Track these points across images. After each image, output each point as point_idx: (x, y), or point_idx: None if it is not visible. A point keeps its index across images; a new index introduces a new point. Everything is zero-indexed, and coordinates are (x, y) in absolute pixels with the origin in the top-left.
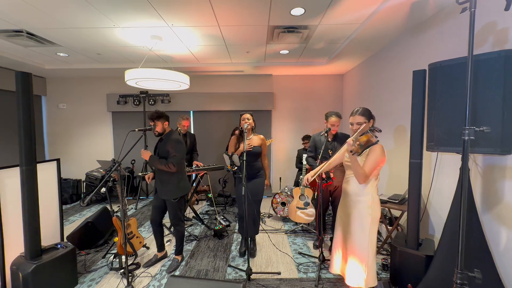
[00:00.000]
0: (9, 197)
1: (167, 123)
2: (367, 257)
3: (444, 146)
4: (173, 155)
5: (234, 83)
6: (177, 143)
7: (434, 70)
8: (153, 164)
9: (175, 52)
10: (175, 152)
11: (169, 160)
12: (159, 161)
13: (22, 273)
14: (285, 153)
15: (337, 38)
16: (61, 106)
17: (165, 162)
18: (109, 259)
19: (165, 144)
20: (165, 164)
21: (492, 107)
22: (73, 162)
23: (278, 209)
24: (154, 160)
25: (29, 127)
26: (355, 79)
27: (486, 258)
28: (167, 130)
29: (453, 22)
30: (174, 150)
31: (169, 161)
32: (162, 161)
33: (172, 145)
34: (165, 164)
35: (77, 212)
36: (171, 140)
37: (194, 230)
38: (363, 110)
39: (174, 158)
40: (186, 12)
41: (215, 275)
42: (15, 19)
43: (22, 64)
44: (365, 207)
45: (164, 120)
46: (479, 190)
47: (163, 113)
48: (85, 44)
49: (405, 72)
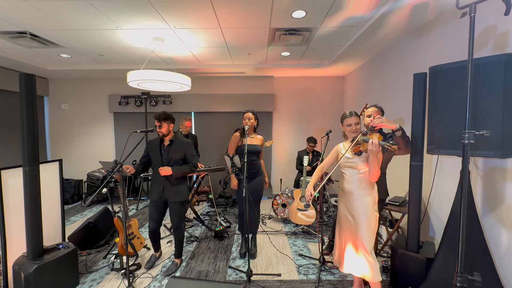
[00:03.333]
0: (12, 197)
1: (172, 125)
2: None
3: (444, 149)
4: (193, 157)
5: (235, 85)
6: (191, 145)
7: (434, 73)
8: (179, 174)
9: (177, 53)
10: (194, 153)
11: (192, 163)
12: (183, 169)
13: (24, 273)
14: (286, 155)
15: (338, 40)
16: (63, 107)
17: (190, 167)
18: (110, 259)
19: (178, 148)
20: (191, 169)
21: (492, 110)
22: (74, 163)
23: (279, 210)
24: (178, 170)
25: (32, 128)
26: (356, 81)
27: (486, 261)
28: (171, 133)
29: (454, 26)
30: (192, 152)
31: (192, 165)
32: (186, 167)
33: (188, 148)
34: (191, 169)
35: (78, 213)
36: (185, 143)
37: (194, 231)
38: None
39: (195, 159)
40: (188, 14)
41: (215, 276)
42: (19, 21)
43: (25, 65)
44: (371, 204)
45: (171, 122)
46: (480, 193)
47: (170, 115)
48: (88, 45)
49: (406, 75)
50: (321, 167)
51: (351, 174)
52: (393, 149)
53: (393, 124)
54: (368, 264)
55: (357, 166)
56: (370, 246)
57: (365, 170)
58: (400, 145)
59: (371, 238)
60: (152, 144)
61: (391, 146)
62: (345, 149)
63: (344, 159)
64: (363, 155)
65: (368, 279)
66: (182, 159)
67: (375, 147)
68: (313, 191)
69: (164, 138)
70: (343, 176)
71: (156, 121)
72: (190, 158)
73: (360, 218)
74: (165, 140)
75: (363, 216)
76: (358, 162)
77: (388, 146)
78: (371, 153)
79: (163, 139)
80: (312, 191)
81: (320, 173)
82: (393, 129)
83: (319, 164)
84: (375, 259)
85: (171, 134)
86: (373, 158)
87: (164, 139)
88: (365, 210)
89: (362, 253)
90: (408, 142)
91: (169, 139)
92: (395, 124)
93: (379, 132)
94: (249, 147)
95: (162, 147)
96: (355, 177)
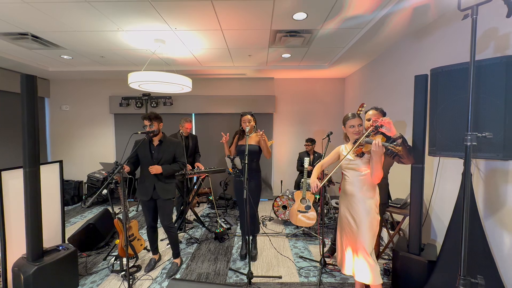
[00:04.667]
0: (12, 199)
1: (162, 124)
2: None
3: (446, 151)
4: (182, 156)
5: (236, 86)
6: (180, 144)
7: (436, 75)
8: (169, 172)
9: (178, 55)
10: (183, 153)
11: (181, 161)
12: (173, 167)
13: (24, 275)
14: (287, 156)
15: (339, 42)
16: (64, 108)
17: (179, 166)
18: (110, 261)
19: (168, 148)
20: (180, 167)
21: (494, 112)
22: (75, 164)
23: (279, 212)
24: (168, 169)
25: (33, 129)
26: (356, 83)
27: (489, 264)
28: (160, 133)
29: (455, 28)
30: (181, 152)
31: (182, 163)
32: (175, 165)
33: (178, 148)
34: (180, 167)
35: (78, 214)
36: (175, 142)
37: (195, 232)
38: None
39: (184, 158)
40: (189, 16)
41: (216, 279)
42: (20, 22)
43: (26, 66)
44: (373, 207)
45: (160, 121)
46: (482, 195)
47: (158, 115)
48: (89, 47)
49: (407, 77)
50: (320, 164)
51: (352, 176)
52: (397, 150)
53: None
54: (369, 267)
55: (359, 168)
56: (370, 248)
57: (367, 172)
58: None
59: (372, 240)
60: (140, 145)
61: (395, 147)
62: (347, 151)
63: (346, 161)
64: (365, 156)
65: (369, 282)
66: (171, 158)
67: (379, 148)
68: (319, 183)
69: (153, 138)
70: (345, 178)
71: (146, 120)
72: (179, 157)
73: (362, 221)
74: (154, 140)
75: (364, 218)
76: (360, 164)
77: (392, 147)
78: (374, 154)
79: (151, 139)
80: (317, 183)
81: (319, 169)
82: (393, 136)
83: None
84: (376, 262)
85: (160, 134)
86: (376, 159)
87: (153, 139)
88: (367, 213)
89: (363, 255)
90: (410, 150)
91: (158, 139)
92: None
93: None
94: (245, 147)
95: (151, 147)
96: (357, 179)
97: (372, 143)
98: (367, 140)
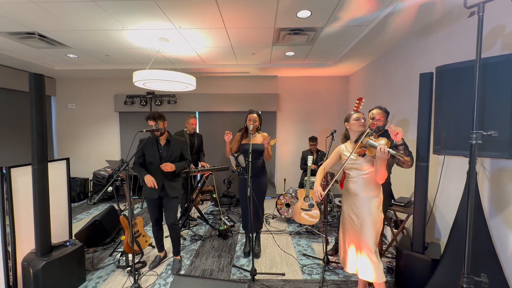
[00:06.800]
0: (21, 195)
1: (166, 123)
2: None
3: (451, 150)
4: (188, 154)
5: (240, 84)
6: (186, 143)
7: (441, 73)
8: (180, 170)
9: (182, 53)
10: (188, 151)
11: (188, 159)
12: (182, 165)
13: (33, 269)
14: (290, 155)
15: (343, 40)
16: (70, 106)
17: (187, 163)
18: (116, 257)
19: (176, 147)
20: (187, 164)
21: (500, 111)
22: (80, 161)
23: (283, 210)
24: (180, 166)
25: (41, 127)
26: (361, 81)
27: (493, 262)
28: (165, 132)
29: (461, 25)
30: (187, 150)
31: (189, 160)
32: (184, 163)
33: (185, 146)
34: (187, 164)
35: (84, 211)
36: (182, 141)
37: (199, 230)
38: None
39: (189, 156)
40: (193, 15)
41: (220, 275)
42: (28, 22)
43: (33, 65)
44: (377, 205)
45: (164, 120)
46: (487, 194)
47: (161, 113)
48: (94, 46)
49: (412, 75)
50: (323, 167)
51: (356, 175)
52: (405, 160)
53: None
54: (372, 265)
55: (362, 167)
56: (374, 247)
57: (370, 171)
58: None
59: (375, 239)
60: (147, 144)
61: (403, 157)
62: (348, 150)
63: (349, 160)
64: (367, 155)
65: (372, 280)
66: (179, 156)
67: (384, 155)
68: (322, 191)
69: (160, 137)
70: (348, 177)
71: (151, 121)
72: (186, 155)
73: (365, 219)
74: (160, 140)
75: (368, 217)
76: (363, 163)
77: (400, 156)
78: (378, 159)
79: (158, 138)
80: (321, 191)
81: (323, 173)
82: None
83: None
84: (379, 260)
85: (165, 133)
86: (380, 162)
87: (160, 139)
88: (370, 212)
89: (366, 253)
90: (412, 158)
91: (165, 138)
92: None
93: (384, 136)
94: (251, 146)
95: (159, 147)
96: (360, 178)
97: (377, 148)
98: (371, 144)
